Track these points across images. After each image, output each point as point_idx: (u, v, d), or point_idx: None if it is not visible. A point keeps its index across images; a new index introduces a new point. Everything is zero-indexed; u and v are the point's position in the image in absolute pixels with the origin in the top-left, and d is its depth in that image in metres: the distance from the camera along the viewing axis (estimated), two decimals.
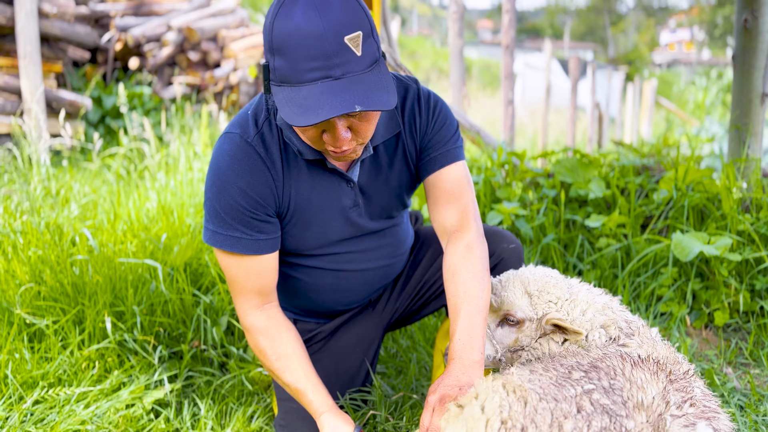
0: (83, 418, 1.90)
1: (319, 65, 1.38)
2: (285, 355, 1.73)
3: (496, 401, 1.32)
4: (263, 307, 1.77)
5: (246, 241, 1.67)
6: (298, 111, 1.40)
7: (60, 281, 2.46)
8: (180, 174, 3.87)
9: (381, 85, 1.44)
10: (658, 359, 1.50)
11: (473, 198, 1.82)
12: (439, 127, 1.78)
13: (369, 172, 1.78)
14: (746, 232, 2.85)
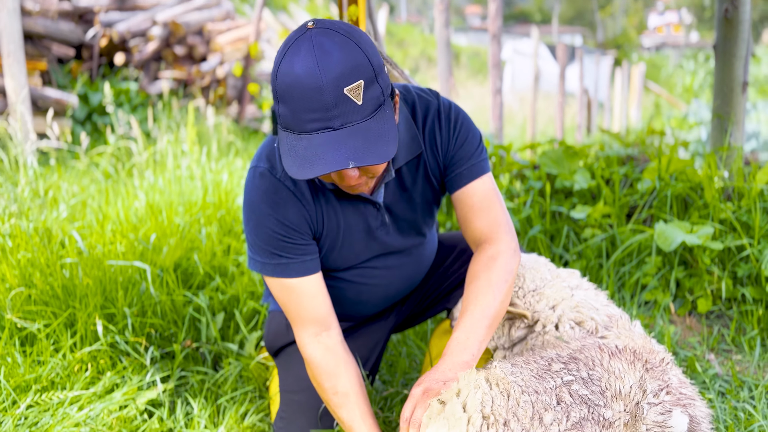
0: (77, 420, 1.92)
1: (318, 116, 1.40)
2: (342, 393, 1.73)
3: (478, 397, 1.36)
4: (321, 335, 1.77)
5: (294, 265, 1.72)
6: (297, 162, 1.43)
7: (50, 284, 2.48)
8: (168, 172, 3.87)
9: (380, 134, 1.44)
10: (635, 349, 1.54)
11: (502, 209, 1.81)
12: (462, 143, 1.78)
13: (394, 192, 1.81)
14: (728, 220, 2.90)
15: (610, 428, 1.29)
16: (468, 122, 1.81)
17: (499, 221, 1.78)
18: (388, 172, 1.70)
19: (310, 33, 1.40)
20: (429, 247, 2.05)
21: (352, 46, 1.40)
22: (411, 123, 1.76)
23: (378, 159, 1.42)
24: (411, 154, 1.76)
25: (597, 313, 1.78)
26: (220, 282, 2.70)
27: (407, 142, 1.74)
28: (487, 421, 1.30)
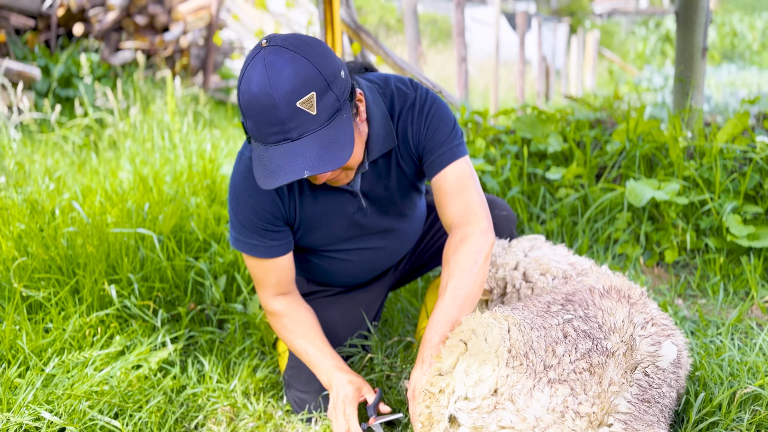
0: (98, 380, 2.01)
1: (277, 130, 1.52)
2: (301, 329, 1.97)
3: (497, 332, 1.52)
4: (283, 294, 2.00)
5: (262, 248, 1.91)
6: (263, 173, 1.57)
7: (51, 254, 2.52)
8: (149, 142, 3.88)
9: (335, 139, 1.55)
10: (618, 288, 1.72)
11: (477, 192, 1.86)
12: (432, 132, 1.86)
13: (371, 179, 1.93)
14: (691, 177, 3.12)
15: (612, 357, 1.46)
16: (441, 111, 1.89)
17: (470, 205, 1.85)
18: (362, 164, 1.82)
19: (264, 52, 1.51)
20: (413, 224, 2.19)
21: (301, 61, 1.50)
22: (388, 118, 1.86)
23: (331, 166, 1.55)
24: (386, 148, 1.87)
25: (558, 263, 1.96)
26: (219, 248, 2.79)
27: (383, 136, 1.85)
28: (511, 354, 1.46)
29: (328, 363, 1.92)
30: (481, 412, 1.41)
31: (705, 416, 1.67)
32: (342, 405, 1.82)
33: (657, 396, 1.51)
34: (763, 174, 3.03)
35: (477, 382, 1.45)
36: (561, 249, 2.06)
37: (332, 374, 1.89)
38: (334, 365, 1.91)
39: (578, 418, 1.35)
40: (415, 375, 1.68)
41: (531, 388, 1.40)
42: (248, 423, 2.07)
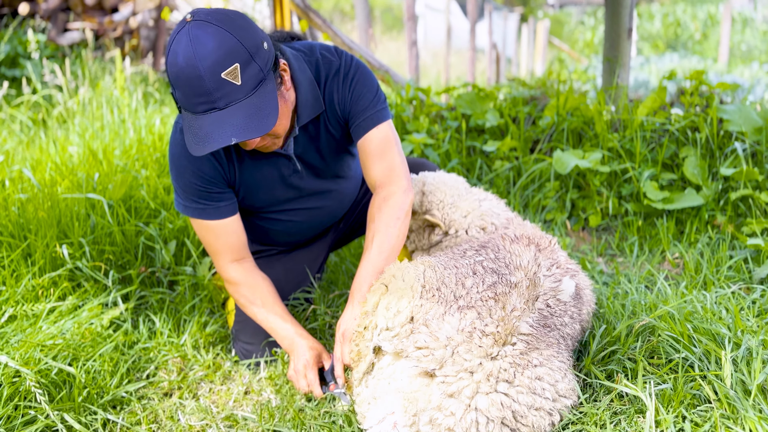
0: (52, 333, 2.12)
1: (204, 100, 1.63)
2: (261, 299, 2.09)
3: (412, 273, 1.70)
4: (238, 261, 2.10)
5: (209, 210, 2.01)
6: (193, 140, 1.68)
7: (2, 221, 2.59)
8: (99, 120, 3.93)
9: (260, 107, 1.67)
10: (529, 236, 1.93)
11: (398, 154, 2.01)
12: (357, 98, 1.99)
13: (303, 143, 2.06)
14: (614, 148, 3.38)
15: (516, 288, 1.66)
16: (365, 77, 2.02)
17: (393, 166, 1.99)
18: (293, 129, 1.96)
19: (188, 26, 1.61)
20: (349, 184, 2.34)
21: (223, 34, 1.61)
22: (314, 84, 1.98)
23: (257, 133, 1.67)
24: (314, 113, 2.00)
25: (498, 218, 2.17)
26: (168, 215, 2.90)
27: (311, 102, 1.98)
28: (425, 288, 1.65)
29: (288, 330, 2.05)
30: (401, 338, 1.59)
31: (606, 346, 1.89)
32: (303, 369, 1.96)
33: (558, 324, 1.71)
34: (678, 144, 3.30)
35: (395, 313, 1.63)
36: (503, 204, 2.27)
37: (293, 340, 2.03)
38: (294, 332, 2.05)
39: (484, 336, 1.54)
40: (344, 317, 1.84)
41: (443, 314, 1.58)
42: (198, 372, 2.21)
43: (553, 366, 1.62)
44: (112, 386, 2.03)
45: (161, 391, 2.12)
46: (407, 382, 1.58)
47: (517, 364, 1.56)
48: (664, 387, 1.64)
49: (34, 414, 1.81)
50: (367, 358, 1.71)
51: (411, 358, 1.57)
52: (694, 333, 1.82)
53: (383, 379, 1.63)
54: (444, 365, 1.54)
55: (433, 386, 1.55)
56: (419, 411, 1.55)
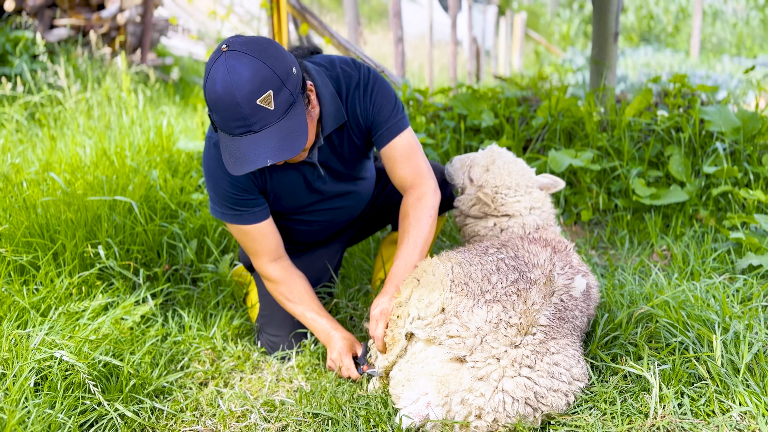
0: (94, 328, 2.26)
1: (241, 124, 1.79)
2: (299, 296, 2.27)
3: (442, 269, 1.89)
4: (275, 261, 2.28)
5: (246, 215, 2.19)
6: (231, 160, 1.85)
7: (31, 222, 2.70)
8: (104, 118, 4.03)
9: (292, 129, 1.83)
10: (546, 239, 2.13)
11: (422, 158, 2.21)
12: (378, 109, 2.17)
13: (326, 151, 2.23)
14: (604, 147, 3.59)
15: (535, 284, 1.86)
16: (383, 89, 2.19)
17: (419, 168, 2.21)
18: (317, 139, 2.12)
19: (224, 56, 1.77)
20: (366, 184, 2.52)
21: (257, 64, 1.76)
22: (336, 97, 2.15)
23: (290, 154, 1.83)
24: (336, 123, 2.16)
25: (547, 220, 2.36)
26: (187, 215, 3.03)
27: (333, 114, 2.14)
28: (453, 282, 1.83)
29: (324, 324, 2.23)
30: (433, 327, 1.77)
31: (609, 332, 2.10)
32: (339, 357, 2.15)
33: (570, 317, 1.91)
34: (663, 143, 3.53)
35: (427, 305, 1.81)
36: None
37: (329, 333, 2.21)
38: (330, 326, 2.23)
39: (509, 327, 1.74)
40: (379, 299, 2.03)
41: (472, 306, 1.77)
42: (229, 362, 2.37)
43: (568, 353, 1.82)
44: (154, 377, 2.18)
45: (197, 381, 2.27)
46: (439, 367, 1.77)
47: (537, 351, 1.75)
48: (665, 367, 1.85)
49: (89, 404, 1.95)
50: (400, 343, 1.89)
51: (443, 345, 1.76)
52: (688, 319, 2.03)
53: (416, 364, 1.82)
54: (474, 352, 1.72)
55: (463, 370, 1.73)
56: (451, 392, 1.74)
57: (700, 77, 8.85)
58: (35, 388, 1.95)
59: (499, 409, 1.69)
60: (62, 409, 1.88)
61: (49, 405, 1.90)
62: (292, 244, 2.59)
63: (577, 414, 1.78)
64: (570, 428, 1.73)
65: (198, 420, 2.04)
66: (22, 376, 1.90)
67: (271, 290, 2.32)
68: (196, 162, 3.80)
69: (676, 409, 1.70)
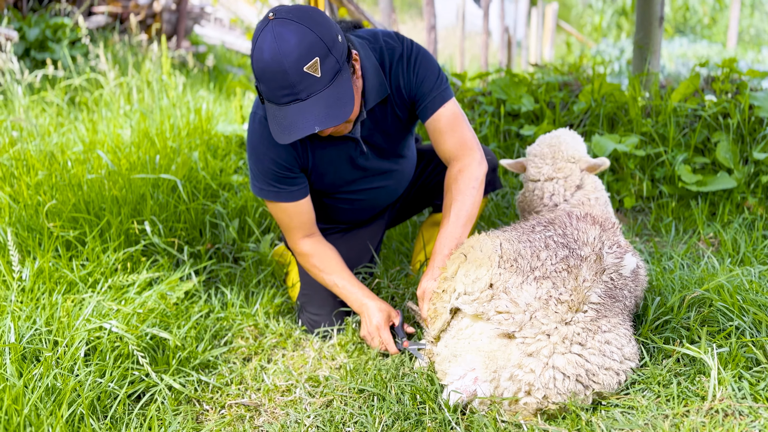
0: (142, 301, 2.28)
1: (288, 92, 1.78)
2: (330, 266, 2.27)
3: (489, 244, 1.86)
4: (308, 237, 2.28)
5: (284, 193, 2.18)
6: (278, 129, 1.84)
7: (78, 198, 2.74)
8: (144, 102, 4.07)
9: (338, 97, 1.81)
10: (593, 215, 2.08)
11: (468, 128, 2.16)
12: (422, 80, 2.13)
13: (369, 126, 2.20)
14: (648, 133, 3.51)
15: (585, 262, 1.82)
16: (426, 61, 2.15)
17: (464, 139, 2.15)
18: (360, 113, 2.09)
19: (271, 24, 1.76)
20: (409, 163, 2.50)
21: (305, 31, 1.75)
22: (379, 70, 2.12)
23: (337, 121, 1.81)
24: (379, 97, 2.14)
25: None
26: (228, 195, 3.05)
27: (376, 87, 2.11)
28: (502, 259, 1.80)
29: (357, 293, 2.22)
30: (481, 302, 1.75)
31: (659, 316, 2.06)
32: (376, 330, 2.14)
33: (620, 296, 1.87)
34: (710, 129, 3.44)
35: (474, 280, 1.79)
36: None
37: (362, 302, 2.20)
38: (363, 294, 2.21)
39: (560, 304, 1.71)
40: (424, 279, 2.01)
41: (521, 283, 1.74)
42: (271, 339, 2.38)
43: (620, 332, 1.78)
44: (200, 351, 2.20)
45: (241, 356, 2.28)
46: (487, 342, 1.74)
47: (589, 329, 1.72)
48: (723, 350, 1.80)
49: (137, 375, 1.98)
50: (443, 317, 1.88)
51: (492, 321, 1.73)
52: (744, 304, 1.98)
53: (463, 339, 1.79)
54: (523, 328, 1.70)
55: (512, 346, 1.71)
56: (499, 368, 1.71)
57: (743, 66, 8.62)
58: (85, 358, 1.98)
59: (549, 386, 1.66)
60: (112, 379, 1.91)
61: (100, 374, 1.92)
62: (334, 224, 2.59)
63: (630, 395, 1.74)
64: (623, 409, 1.70)
65: (243, 393, 2.05)
66: (72, 346, 1.93)
67: (303, 264, 2.33)
68: (234, 145, 3.82)
69: (735, 392, 1.65)
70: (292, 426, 1.85)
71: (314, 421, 1.84)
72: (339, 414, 1.84)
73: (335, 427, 1.80)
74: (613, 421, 1.64)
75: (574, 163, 2.37)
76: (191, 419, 1.91)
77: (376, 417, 1.78)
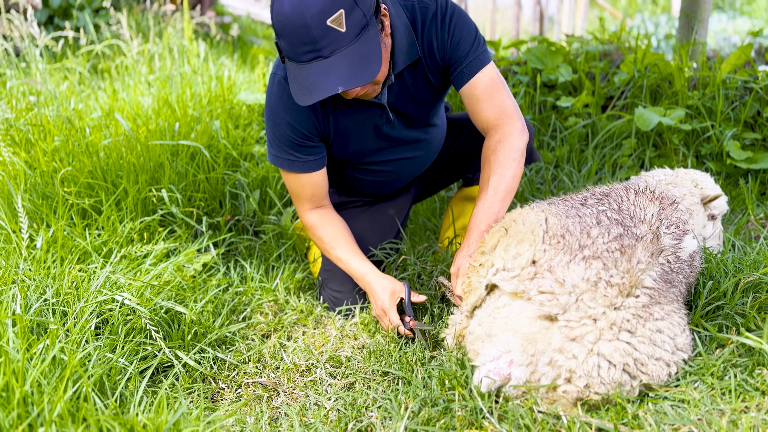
0: (157, 273, 2.18)
1: (309, 48, 1.62)
2: (334, 237, 2.12)
3: (533, 218, 1.70)
4: (318, 208, 2.15)
5: (298, 163, 2.04)
6: (299, 89, 1.68)
7: (94, 165, 2.64)
8: (166, 69, 3.95)
9: (365, 55, 1.65)
10: (653, 190, 1.91)
11: (507, 95, 1.97)
12: (457, 42, 1.94)
13: (397, 93, 2.03)
14: (694, 105, 3.29)
15: (641, 241, 1.65)
16: (462, 21, 1.96)
17: (504, 107, 1.97)
18: (388, 77, 1.92)
19: None
20: (438, 133, 2.32)
21: None
22: (410, 30, 1.94)
23: (362, 81, 1.65)
24: (410, 59, 1.96)
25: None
26: (249, 165, 2.92)
27: (406, 48, 1.93)
28: (547, 234, 1.65)
29: (362, 269, 2.07)
30: (522, 280, 1.60)
31: (711, 301, 1.88)
32: (383, 314, 2.00)
33: (675, 281, 1.71)
34: (762, 103, 3.21)
35: (515, 255, 1.64)
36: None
37: (368, 280, 2.05)
38: (369, 269, 2.06)
39: (610, 287, 1.55)
40: (459, 255, 1.86)
41: (568, 262, 1.59)
42: (291, 316, 2.26)
43: (674, 321, 1.62)
44: (217, 326, 2.09)
45: (260, 333, 2.17)
46: (526, 323, 1.59)
47: (640, 316, 1.56)
48: None
49: (150, 350, 1.87)
50: (477, 292, 1.73)
51: (533, 301, 1.58)
52: None
53: (499, 319, 1.65)
54: (567, 310, 1.54)
55: (554, 329, 1.56)
56: (538, 352, 1.56)
57: None
58: (96, 331, 1.88)
59: (592, 374, 1.51)
60: (123, 354, 1.81)
61: (110, 349, 1.82)
62: (357, 197, 2.45)
63: (680, 387, 1.59)
64: (673, 402, 1.54)
65: (261, 372, 1.94)
66: (83, 318, 1.83)
67: (310, 236, 2.20)
68: (256, 114, 3.68)
69: None
70: (311, 408, 1.73)
71: (335, 404, 1.72)
72: (362, 397, 1.72)
73: (357, 410, 1.68)
74: (663, 416, 1.49)
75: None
76: (205, 398, 1.81)
77: (402, 402, 1.65)
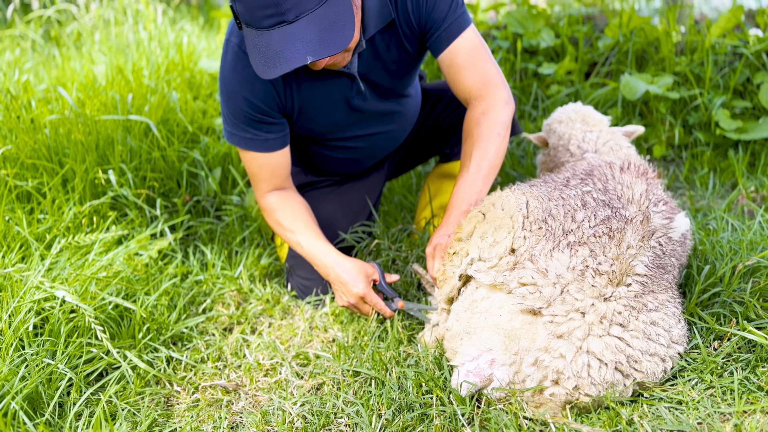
0: (104, 264, 1.98)
1: (271, 12, 1.41)
2: (293, 221, 1.91)
3: (513, 202, 1.54)
4: (277, 190, 1.95)
5: (256, 141, 1.83)
6: (260, 61, 1.47)
7: (37, 143, 2.41)
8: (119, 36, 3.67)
9: (335, 19, 1.45)
10: (637, 164, 1.75)
11: (491, 62, 1.80)
12: (434, 4, 1.75)
13: (368, 61, 1.82)
14: (682, 72, 3.13)
15: (631, 224, 1.50)
16: None
17: (487, 75, 1.80)
18: (360, 43, 1.71)
19: None
20: (413, 104, 2.13)
21: None
22: None
23: (334, 49, 1.45)
24: (382, 22, 1.75)
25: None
26: (210, 140, 2.71)
27: (377, 9, 1.73)
28: (527, 220, 1.48)
29: (324, 254, 1.87)
30: (500, 270, 1.44)
31: (707, 287, 1.75)
32: (358, 299, 1.81)
33: (668, 265, 1.56)
34: (752, 69, 3.06)
35: (492, 244, 1.49)
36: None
37: (332, 265, 1.84)
38: (330, 254, 1.86)
39: (598, 276, 1.40)
40: (437, 235, 1.71)
41: (551, 249, 1.43)
42: (256, 306, 2.09)
43: (668, 311, 1.48)
44: (171, 321, 1.91)
45: (221, 326, 2.00)
46: (507, 319, 1.44)
47: (632, 307, 1.42)
48: None
49: (96, 352, 1.69)
50: (451, 283, 1.59)
51: (514, 294, 1.43)
52: None
53: (478, 313, 1.50)
54: (552, 304, 1.39)
55: (538, 325, 1.41)
56: (522, 350, 1.42)
57: None
58: (34, 332, 1.69)
59: (582, 374, 1.37)
60: (64, 359, 1.62)
61: (50, 353, 1.64)
62: (325, 175, 2.25)
63: (677, 386, 1.46)
64: (670, 404, 1.41)
65: (221, 372, 1.77)
66: (17, 319, 1.64)
67: (267, 220, 1.99)
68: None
69: None
70: (276, 414, 1.57)
71: (301, 410, 1.56)
72: (330, 401, 1.56)
73: (326, 417, 1.52)
74: (660, 420, 1.36)
75: (605, 125, 2.08)
76: (158, 404, 1.64)
77: (374, 408, 1.50)
